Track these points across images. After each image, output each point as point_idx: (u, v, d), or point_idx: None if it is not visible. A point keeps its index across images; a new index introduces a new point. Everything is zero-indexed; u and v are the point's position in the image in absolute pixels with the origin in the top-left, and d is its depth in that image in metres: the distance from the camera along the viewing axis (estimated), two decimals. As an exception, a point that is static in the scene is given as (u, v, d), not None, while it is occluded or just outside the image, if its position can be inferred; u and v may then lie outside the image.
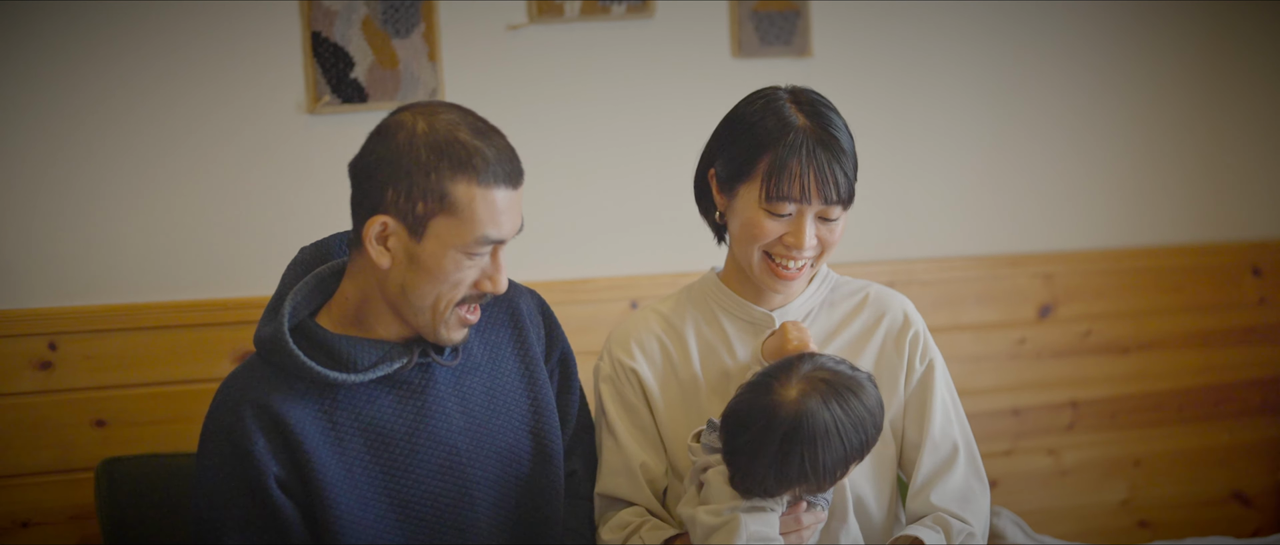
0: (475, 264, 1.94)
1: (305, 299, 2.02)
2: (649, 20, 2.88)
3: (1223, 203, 3.36)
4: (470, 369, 2.07)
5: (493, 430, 2.06)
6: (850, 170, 2.08)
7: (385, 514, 1.98)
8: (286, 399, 1.94)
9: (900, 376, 2.17)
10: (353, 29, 2.67)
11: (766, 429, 1.89)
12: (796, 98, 2.12)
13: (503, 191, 1.92)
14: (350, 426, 1.97)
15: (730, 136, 2.14)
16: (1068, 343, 3.21)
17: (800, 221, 2.09)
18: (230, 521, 1.92)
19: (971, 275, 3.13)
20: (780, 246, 2.10)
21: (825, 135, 2.07)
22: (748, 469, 1.91)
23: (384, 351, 1.98)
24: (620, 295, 2.86)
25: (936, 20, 3.09)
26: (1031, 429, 3.19)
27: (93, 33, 2.53)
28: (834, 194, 2.07)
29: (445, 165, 1.89)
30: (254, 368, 1.99)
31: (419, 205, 1.90)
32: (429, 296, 1.94)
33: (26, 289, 2.53)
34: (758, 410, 1.91)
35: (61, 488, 2.51)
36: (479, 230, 1.91)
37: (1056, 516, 3.21)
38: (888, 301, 2.22)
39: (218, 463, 1.93)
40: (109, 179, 2.56)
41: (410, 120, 1.93)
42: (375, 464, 1.98)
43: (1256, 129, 3.36)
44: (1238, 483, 3.37)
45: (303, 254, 2.07)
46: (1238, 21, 3.31)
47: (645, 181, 2.92)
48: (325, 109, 2.67)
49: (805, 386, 1.91)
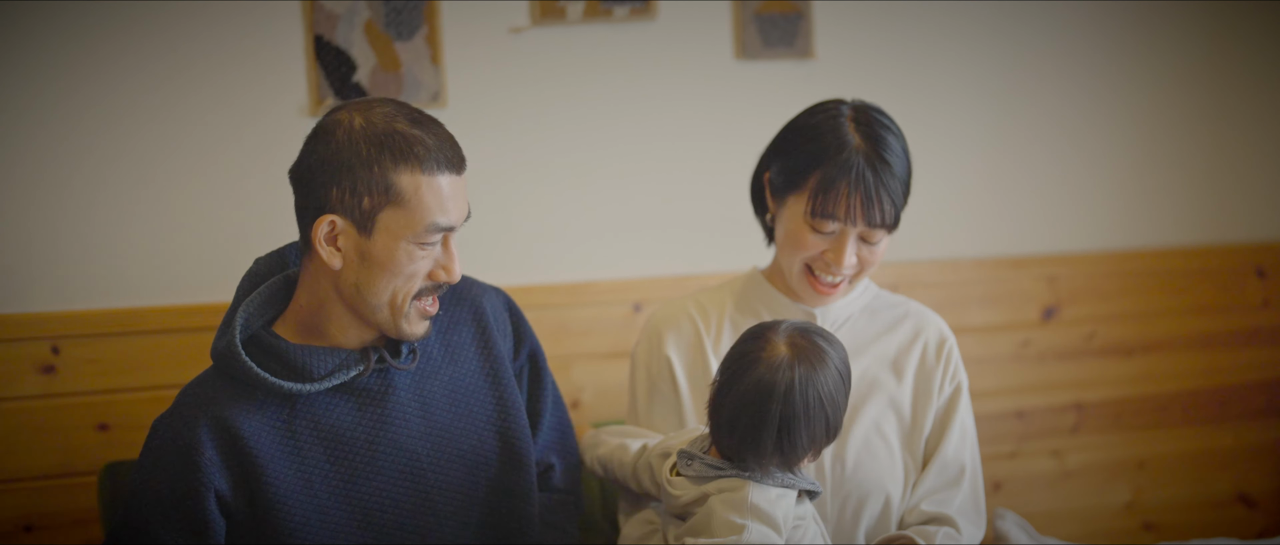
0: (428, 254, 1.94)
1: (259, 309, 2.01)
2: (651, 22, 2.88)
3: (1227, 205, 3.35)
4: (431, 372, 2.07)
5: (455, 433, 2.06)
6: (898, 196, 2.10)
7: (344, 522, 1.97)
8: (243, 411, 1.94)
9: (933, 393, 2.19)
10: (355, 32, 2.67)
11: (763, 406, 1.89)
12: (858, 116, 2.13)
13: (447, 177, 1.92)
14: (309, 436, 1.97)
15: (787, 145, 2.17)
16: (1072, 345, 3.21)
17: (842, 240, 2.10)
18: (155, 522, 1.92)
19: (975, 277, 3.12)
20: (821, 261, 2.12)
21: (878, 159, 2.08)
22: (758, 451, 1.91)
23: (340, 360, 1.98)
24: (623, 298, 2.86)
25: (939, 22, 3.09)
26: (1035, 431, 3.19)
27: (95, 36, 2.53)
28: (878, 218, 2.09)
29: (387, 157, 1.89)
30: (211, 379, 1.99)
31: (365, 200, 1.90)
32: (385, 292, 1.94)
33: (29, 293, 2.53)
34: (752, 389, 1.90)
35: (64, 492, 2.51)
36: (428, 218, 1.91)
37: (1061, 519, 3.21)
38: (926, 319, 2.26)
39: (159, 465, 1.93)
40: (111, 182, 2.56)
41: (346, 118, 1.93)
42: (335, 472, 1.97)
43: (1260, 130, 3.36)
44: (1242, 485, 3.36)
45: (257, 265, 2.06)
46: (1241, 22, 3.30)
47: (648, 184, 2.92)
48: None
49: (790, 353, 1.91)
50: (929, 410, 2.20)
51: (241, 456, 1.93)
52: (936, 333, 2.24)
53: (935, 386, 2.21)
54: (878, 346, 2.22)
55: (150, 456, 1.95)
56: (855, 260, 2.13)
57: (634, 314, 2.86)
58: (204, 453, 1.91)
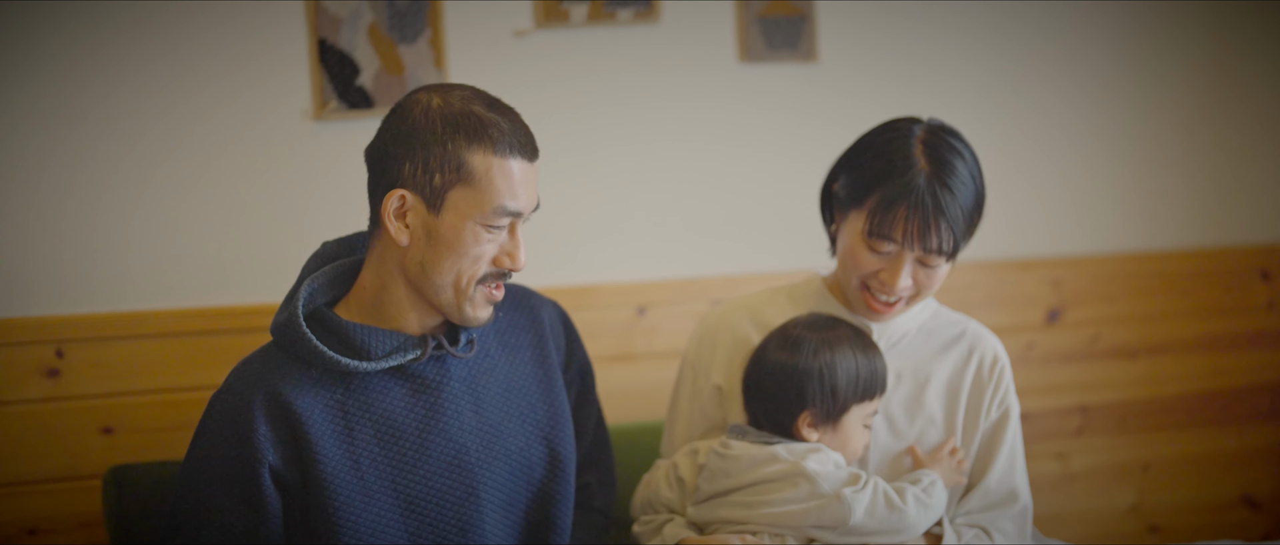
0: (494, 238, 1.95)
1: (323, 288, 2.03)
2: (655, 25, 2.88)
3: (1230, 207, 3.35)
4: (487, 369, 2.07)
5: (505, 432, 2.06)
6: (960, 225, 2.07)
7: (389, 508, 1.97)
8: (298, 388, 1.95)
9: (981, 416, 2.17)
10: (359, 35, 2.67)
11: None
12: (929, 137, 2.10)
13: (518, 162, 1.93)
14: (361, 417, 1.97)
15: (854, 160, 2.15)
16: (1076, 347, 3.21)
17: (898, 262, 2.09)
18: (213, 502, 1.93)
19: (979, 280, 3.12)
20: (876, 280, 2.11)
21: (941, 185, 2.05)
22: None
23: (399, 342, 1.99)
24: (626, 302, 2.86)
25: (943, 25, 3.08)
26: (1040, 433, 3.18)
27: (97, 39, 2.53)
28: (935, 245, 2.06)
29: (461, 136, 1.91)
30: (268, 355, 2.00)
31: (436, 177, 1.91)
32: (450, 273, 1.94)
33: (33, 296, 2.53)
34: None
35: (69, 495, 2.51)
36: (496, 200, 1.91)
37: (1065, 521, 3.20)
38: (982, 339, 2.23)
39: (215, 442, 1.94)
40: (115, 185, 2.56)
41: (425, 98, 1.95)
42: (384, 456, 1.98)
43: (1264, 132, 3.36)
44: (1247, 487, 3.36)
45: (325, 247, 2.08)
46: (1245, 25, 3.30)
47: (651, 187, 2.92)
48: (331, 115, 2.67)
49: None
50: (976, 434, 2.18)
51: (294, 431, 1.93)
52: (991, 353, 2.21)
53: (984, 409, 2.18)
54: (930, 367, 2.20)
55: (206, 434, 1.96)
56: (910, 282, 2.10)
57: (638, 317, 2.86)
58: (258, 428, 1.92)
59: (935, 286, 2.14)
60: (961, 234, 2.09)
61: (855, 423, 2.11)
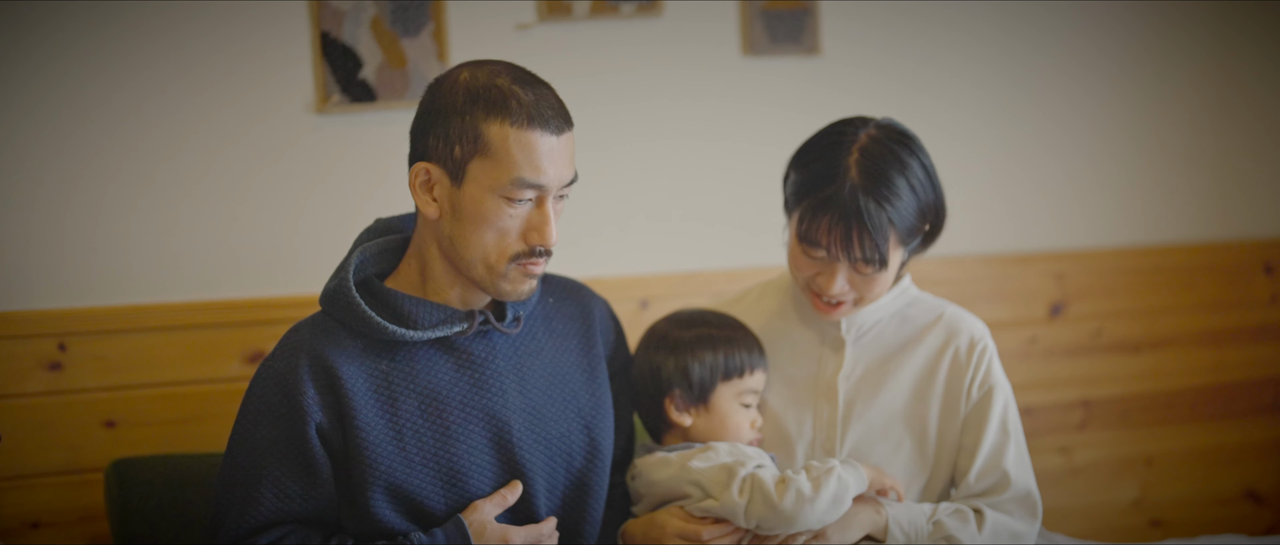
0: (517, 212, 1.94)
1: (372, 260, 2.05)
2: (658, 19, 2.87)
3: (1233, 200, 3.35)
4: (533, 351, 2.08)
5: (548, 416, 2.06)
6: (885, 238, 2.04)
7: (428, 480, 1.97)
8: (344, 354, 1.96)
9: (962, 398, 2.15)
10: (361, 28, 2.67)
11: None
12: (869, 145, 2.07)
13: (539, 134, 1.92)
14: (405, 388, 1.98)
15: (800, 159, 2.14)
16: (1079, 341, 3.20)
17: (832, 269, 2.08)
18: (266, 467, 1.93)
19: (982, 274, 3.12)
20: (816, 284, 2.11)
21: (868, 197, 2.03)
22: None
23: (445, 315, 2.00)
24: (629, 294, 2.86)
25: (946, 18, 3.08)
26: (1043, 428, 3.18)
27: (100, 33, 2.52)
28: (860, 255, 2.05)
29: (480, 107, 1.91)
30: (318, 322, 2.01)
31: (456, 149, 1.92)
32: (478, 247, 1.95)
33: (35, 290, 2.52)
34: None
35: (71, 489, 2.51)
36: (513, 171, 1.91)
37: (1068, 515, 3.20)
38: (959, 323, 2.20)
39: (265, 407, 1.95)
40: (117, 179, 2.56)
41: (457, 72, 1.97)
42: (427, 428, 1.98)
43: (1267, 126, 3.35)
44: (1250, 481, 3.36)
45: (378, 222, 2.10)
46: (1247, 18, 3.30)
47: (654, 180, 2.91)
48: (334, 109, 2.67)
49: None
50: (957, 418, 2.15)
51: (337, 396, 1.94)
52: (967, 337, 2.17)
53: (964, 392, 2.15)
54: (910, 353, 2.18)
55: (254, 399, 1.97)
56: (847, 287, 2.10)
57: (641, 310, 2.86)
58: (305, 391, 1.93)
59: (878, 291, 2.11)
60: (885, 247, 2.05)
61: (727, 401, 2.14)
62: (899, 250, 2.09)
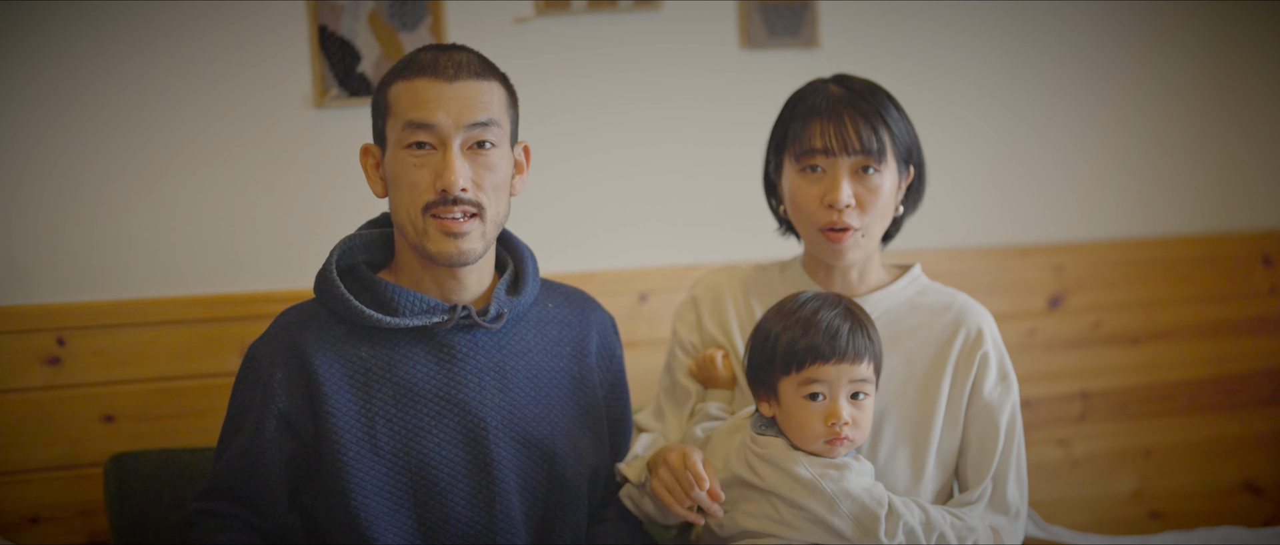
0: (423, 161, 1.97)
1: (361, 246, 2.08)
2: (656, 12, 2.87)
3: (1232, 193, 3.35)
4: (520, 351, 2.09)
5: (529, 417, 2.06)
6: (879, 127, 2.09)
7: (399, 471, 1.99)
8: (323, 340, 2.00)
9: (965, 392, 2.15)
10: (360, 22, 2.67)
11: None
12: (842, 79, 2.17)
13: (427, 81, 1.97)
14: (382, 378, 2.00)
15: (777, 123, 2.19)
16: (1078, 333, 3.20)
17: (835, 177, 2.09)
18: (238, 431, 2.01)
19: (981, 266, 3.12)
20: (825, 213, 2.10)
21: (852, 95, 2.11)
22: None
23: (427, 305, 2.01)
24: (628, 288, 2.86)
25: (944, 10, 3.08)
26: (1042, 420, 3.18)
27: (99, 27, 2.52)
28: (856, 144, 2.08)
29: (388, 77, 2.01)
30: (306, 307, 2.06)
31: (377, 121, 2.02)
32: (401, 209, 2.00)
33: (34, 285, 2.52)
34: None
35: (70, 483, 2.51)
36: (403, 117, 1.97)
37: (1067, 507, 3.20)
38: (968, 314, 2.19)
39: (243, 383, 2.03)
40: (116, 173, 2.56)
41: None
42: (400, 418, 1.99)
43: (1266, 118, 3.35)
44: (1249, 473, 3.36)
45: (383, 215, 2.15)
46: (1246, 11, 3.30)
47: (653, 174, 2.91)
48: (332, 102, 2.67)
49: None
50: (961, 405, 2.15)
51: (308, 381, 1.99)
52: (975, 328, 2.17)
53: (967, 385, 2.15)
54: (920, 339, 2.17)
55: (239, 378, 2.05)
56: (851, 195, 2.10)
57: (640, 304, 2.86)
58: (275, 374, 1.99)
59: (879, 203, 2.11)
60: (881, 132, 2.09)
61: (791, 397, 1.98)
62: (892, 165, 2.11)
